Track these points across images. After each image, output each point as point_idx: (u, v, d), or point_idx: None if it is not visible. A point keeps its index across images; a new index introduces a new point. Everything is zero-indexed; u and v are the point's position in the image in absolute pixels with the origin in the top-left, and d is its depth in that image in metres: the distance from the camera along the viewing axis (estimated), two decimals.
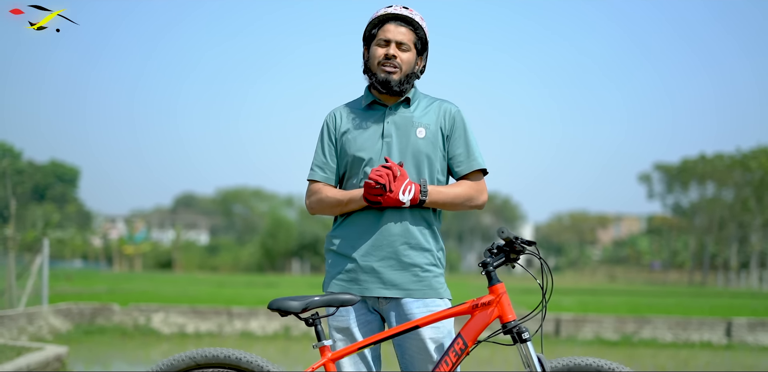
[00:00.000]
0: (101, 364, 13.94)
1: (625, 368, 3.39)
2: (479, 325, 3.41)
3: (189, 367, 3.43)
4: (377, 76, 3.70)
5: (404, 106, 3.77)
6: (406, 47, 3.71)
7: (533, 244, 3.42)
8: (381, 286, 3.63)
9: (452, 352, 3.41)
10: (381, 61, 3.69)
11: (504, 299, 3.43)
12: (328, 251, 3.75)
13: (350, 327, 3.65)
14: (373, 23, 3.75)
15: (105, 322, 19.49)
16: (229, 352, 3.45)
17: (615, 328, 19.76)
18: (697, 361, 16.05)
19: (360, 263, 3.64)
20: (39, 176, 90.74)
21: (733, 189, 72.46)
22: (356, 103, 3.84)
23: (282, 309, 3.39)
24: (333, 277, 3.69)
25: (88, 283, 36.32)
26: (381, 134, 3.71)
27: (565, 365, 3.41)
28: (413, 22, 3.72)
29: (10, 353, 10.23)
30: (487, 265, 3.43)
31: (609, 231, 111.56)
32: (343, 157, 3.76)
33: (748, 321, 19.72)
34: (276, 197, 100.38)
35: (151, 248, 78.82)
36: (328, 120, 3.83)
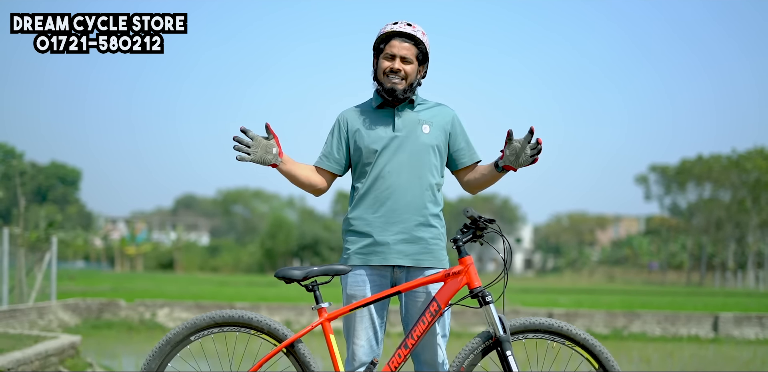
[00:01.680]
0: (110, 356, 14.52)
1: (572, 327, 4.04)
2: (451, 290, 4.07)
3: (209, 325, 4.09)
4: (384, 86, 4.36)
5: (409, 108, 4.44)
6: (409, 60, 4.36)
7: (494, 222, 4.06)
8: (396, 255, 4.28)
9: (428, 313, 4.07)
10: (387, 73, 4.35)
11: (471, 269, 4.09)
12: (348, 232, 4.39)
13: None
14: (381, 38, 4.40)
15: (112, 317, 20.13)
16: (243, 313, 4.10)
17: (606, 322, 20.39)
18: (682, 353, 16.66)
19: (377, 239, 4.29)
20: (41, 178, 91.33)
21: (729, 190, 72.96)
22: (366, 105, 4.50)
23: (286, 277, 4.06)
24: (354, 251, 4.32)
25: (92, 282, 36.91)
26: (393, 129, 4.37)
27: (521, 324, 4.07)
28: (415, 38, 4.36)
29: (27, 341, 10.87)
30: (457, 241, 4.10)
31: (607, 232, 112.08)
32: (356, 150, 4.40)
33: (734, 316, 20.34)
34: (277, 198, 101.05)
35: (152, 249, 79.46)
36: (340, 119, 4.48)
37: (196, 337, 4.09)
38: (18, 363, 8.84)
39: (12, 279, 18.22)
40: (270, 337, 4.10)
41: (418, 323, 4.07)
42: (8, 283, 17.24)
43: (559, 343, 4.08)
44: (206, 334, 4.09)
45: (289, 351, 4.09)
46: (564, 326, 4.05)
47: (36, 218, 27.26)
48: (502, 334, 4.02)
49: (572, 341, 4.07)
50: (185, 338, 4.09)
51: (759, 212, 69.99)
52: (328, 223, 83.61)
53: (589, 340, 4.06)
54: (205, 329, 4.09)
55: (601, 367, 4.08)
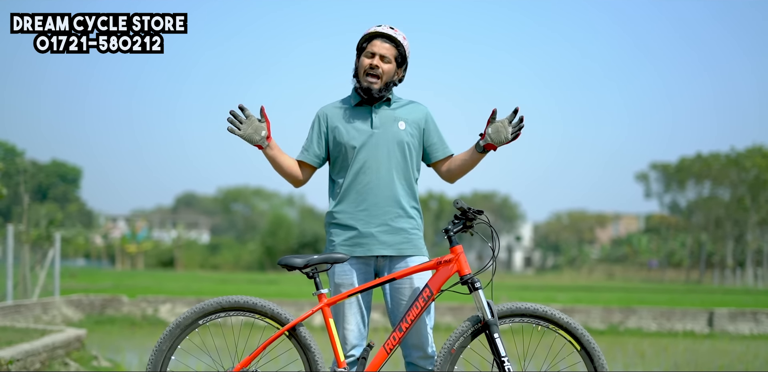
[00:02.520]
0: (113, 350, 14.76)
1: (556, 311, 4.31)
2: (442, 277, 4.35)
3: (216, 310, 4.36)
4: (362, 84, 4.63)
5: (386, 105, 4.71)
6: (387, 60, 4.64)
7: (482, 213, 4.33)
8: (379, 246, 4.57)
9: (421, 298, 4.35)
10: (366, 69, 4.63)
11: (462, 258, 4.36)
12: (331, 224, 4.66)
13: (353, 283, 4.56)
14: (365, 38, 4.68)
15: (114, 313, 20.38)
16: (248, 298, 4.37)
17: (602, 318, 20.66)
18: (676, 348, 16.93)
19: (361, 231, 4.57)
20: (41, 176, 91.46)
21: (729, 188, 73.16)
22: (345, 102, 4.76)
23: (289, 264, 4.32)
24: (339, 243, 4.59)
25: (93, 279, 37.15)
26: (370, 126, 4.64)
27: (508, 309, 4.34)
28: (396, 40, 4.65)
29: (34, 334, 11.14)
30: (448, 231, 4.37)
31: (607, 230, 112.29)
32: (336, 145, 4.67)
33: (729, 311, 20.61)
34: (277, 196, 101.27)
35: (152, 247, 79.70)
36: (320, 114, 4.74)
37: (204, 321, 4.36)
38: (26, 354, 9.10)
39: (16, 275, 18.48)
40: (273, 320, 4.37)
41: (412, 308, 4.34)
42: (13, 279, 17.49)
43: (544, 327, 4.35)
44: (213, 318, 4.37)
45: (291, 334, 4.36)
46: (548, 311, 4.32)
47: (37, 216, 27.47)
48: (490, 318, 4.28)
49: (556, 325, 4.34)
50: (194, 322, 4.36)
51: (758, 210, 70.19)
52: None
53: (571, 324, 4.33)
54: (213, 313, 4.36)
55: (583, 348, 4.34)
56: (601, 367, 4.31)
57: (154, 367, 4.32)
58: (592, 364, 4.33)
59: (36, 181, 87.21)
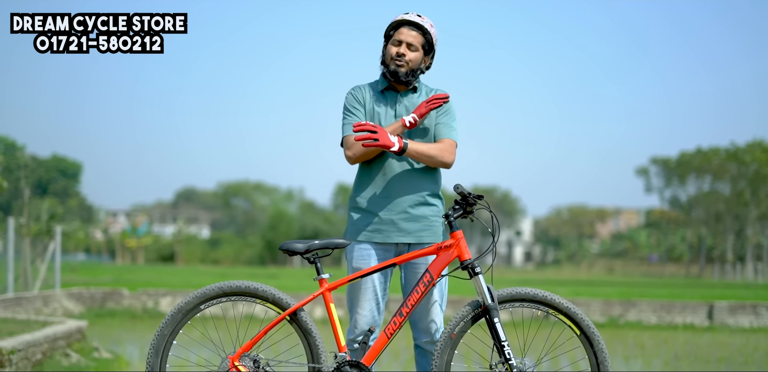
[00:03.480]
0: (114, 342, 14.78)
1: (555, 296, 4.33)
2: (443, 262, 4.37)
3: (218, 294, 4.39)
4: (389, 68, 4.67)
5: (412, 93, 4.75)
6: (414, 48, 4.67)
7: (482, 198, 4.35)
8: (399, 233, 4.60)
9: (422, 283, 4.37)
10: (393, 57, 4.67)
11: (462, 243, 4.38)
12: (354, 209, 4.70)
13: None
14: (392, 25, 4.73)
15: (115, 306, 20.41)
16: (249, 283, 4.40)
17: (602, 311, 20.68)
18: (676, 340, 16.95)
19: (382, 217, 4.61)
20: (41, 171, 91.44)
21: (729, 182, 73.18)
22: (373, 86, 4.80)
23: (290, 249, 4.34)
24: (359, 228, 4.63)
25: (93, 273, 37.19)
26: (394, 114, 4.69)
27: (508, 294, 4.36)
28: (422, 28, 4.68)
29: (35, 325, 11.16)
30: (448, 217, 4.39)
31: (607, 225, 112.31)
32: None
33: (729, 304, 20.63)
34: (277, 191, 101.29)
35: (153, 241, 79.75)
36: (353, 92, 4.75)
37: (205, 305, 4.39)
38: (27, 344, 9.12)
39: (17, 268, 18.51)
40: (274, 305, 4.39)
41: (412, 293, 4.37)
42: (14, 272, 17.52)
43: (543, 312, 4.37)
44: (215, 303, 4.39)
45: (292, 319, 4.38)
46: (548, 296, 4.34)
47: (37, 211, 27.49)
48: (490, 302, 4.30)
49: (555, 309, 4.35)
50: (195, 307, 4.38)
51: (758, 205, 70.22)
52: (329, 216, 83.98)
53: (570, 309, 4.34)
54: (214, 298, 4.39)
55: (582, 333, 4.36)
56: (600, 352, 4.33)
57: (156, 352, 4.34)
58: (591, 348, 4.34)
59: (36, 176, 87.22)
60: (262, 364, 4.31)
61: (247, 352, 4.32)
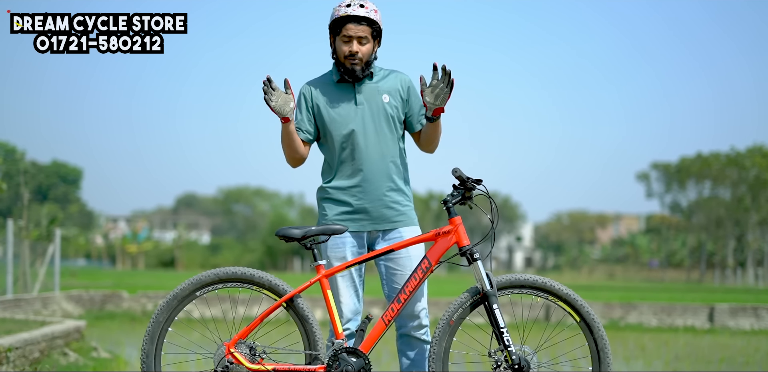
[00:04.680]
0: (113, 344, 14.73)
1: (555, 283, 4.28)
2: (441, 248, 4.32)
3: (213, 281, 4.33)
4: (345, 67, 4.60)
5: (368, 79, 4.68)
6: (365, 41, 4.59)
7: (480, 182, 4.30)
8: (372, 222, 4.58)
9: (420, 270, 4.33)
10: (346, 55, 4.59)
11: (460, 229, 4.33)
12: (324, 199, 4.65)
13: (345, 256, 4.57)
14: (336, 21, 4.61)
15: (114, 308, 20.36)
16: (246, 270, 4.35)
17: (602, 313, 20.62)
18: (677, 342, 16.90)
19: (355, 207, 4.58)
20: (42, 177, 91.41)
21: (729, 188, 73.09)
22: (327, 78, 4.73)
23: (286, 235, 4.30)
24: (332, 218, 4.60)
25: (94, 278, 37.16)
26: (354, 103, 4.63)
27: (507, 280, 4.31)
28: (368, 19, 4.58)
29: (34, 325, 11.12)
30: (446, 203, 4.33)
31: (608, 230, 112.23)
32: (322, 123, 4.65)
33: (729, 307, 20.57)
34: (277, 196, 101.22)
35: (153, 247, 79.67)
36: (304, 92, 4.71)
37: (201, 292, 4.34)
38: (25, 343, 9.08)
39: (16, 270, 18.46)
40: (271, 292, 4.35)
41: (410, 279, 4.32)
42: (13, 274, 17.48)
43: (543, 298, 4.32)
44: (211, 290, 4.34)
45: (288, 305, 4.34)
46: (547, 282, 4.28)
47: (37, 217, 27.50)
48: (489, 289, 4.25)
49: (555, 296, 4.30)
50: (191, 293, 4.33)
51: (758, 210, 70.12)
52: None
53: (570, 295, 4.29)
54: (210, 285, 4.34)
55: (582, 319, 4.31)
56: (600, 338, 4.28)
57: (152, 339, 4.30)
58: (591, 335, 4.29)
59: (36, 181, 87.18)
60: (259, 351, 4.27)
61: (243, 339, 4.28)
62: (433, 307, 20.50)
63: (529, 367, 4.19)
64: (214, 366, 4.25)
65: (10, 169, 69.86)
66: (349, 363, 4.19)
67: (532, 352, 4.25)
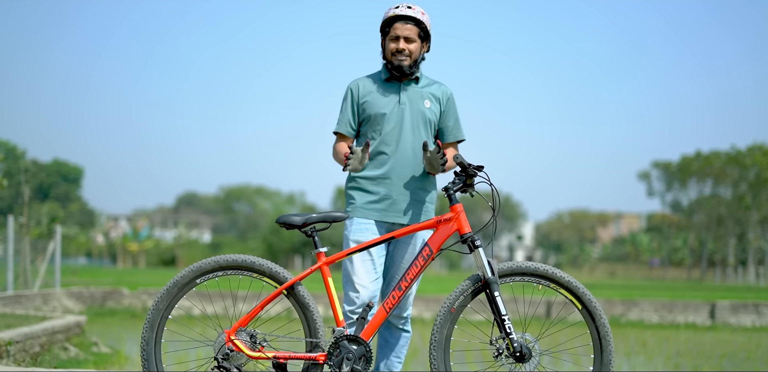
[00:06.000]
0: (114, 339, 14.71)
1: (557, 270, 4.26)
2: (443, 235, 4.32)
3: (213, 268, 4.32)
4: (392, 64, 4.76)
5: (414, 83, 4.85)
6: (412, 39, 4.76)
7: (482, 169, 4.29)
8: (396, 214, 4.68)
9: (421, 257, 4.32)
10: (394, 53, 4.75)
11: (462, 216, 4.32)
12: (353, 188, 4.75)
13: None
14: (386, 21, 4.80)
15: (115, 305, 20.33)
16: (246, 257, 4.33)
17: (604, 310, 20.51)
18: (678, 339, 16.88)
19: (382, 195, 4.68)
20: (43, 175, 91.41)
21: (730, 186, 73.05)
22: (376, 76, 4.89)
23: (287, 223, 4.30)
24: (359, 206, 4.70)
25: (95, 276, 37.13)
26: (398, 101, 4.78)
27: (509, 267, 4.29)
28: (415, 19, 4.74)
29: (34, 320, 11.11)
30: (448, 190, 4.34)
31: (609, 229, 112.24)
32: (365, 116, 4.78)
33: (731, 303, 20.55)
34: (278, 195, 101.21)
35: (154, 245, 79.67)
36: (352, 87, 4.86)
37: (201, 279, 4.33)
38: (25, 337, 9.07)
39: (17, 267, 18.45)
40: (271, 279, 4.33)
41: (411, 267, 4.33)
42: (13, 270, 17.46)
43: (545, 286, 4.30)
44: (211, 277, 4.33)
45: (289, 293, 4.32)
46: (549, 270, 4.27)
47: (38, 215, 27.49)
48: (490, 276, 4.24)
49: (557, 284, 4.29)
50: (191, 281, 4.33)
51: (759, 208, 70.10)
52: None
53: (572, 283, 4.27)
54: (210, 272, 4.33)
55: (584, 307, 4.30)
56: (602, 327, 4.27)
57: (152, 327, 4.29)
58: (593, 323, 4.28)
59: (37, 180, 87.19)
60: (259, 339, 4.26)
61: (243, 326, 4.27)
62: (433, 303, 20.48)
63: (531, 355, 4.18)
64: (215, 354, 4.24)
65: (11, 167, 69.88)
66: (350, 350, 4.18)
67: (533, 340, 4.24)
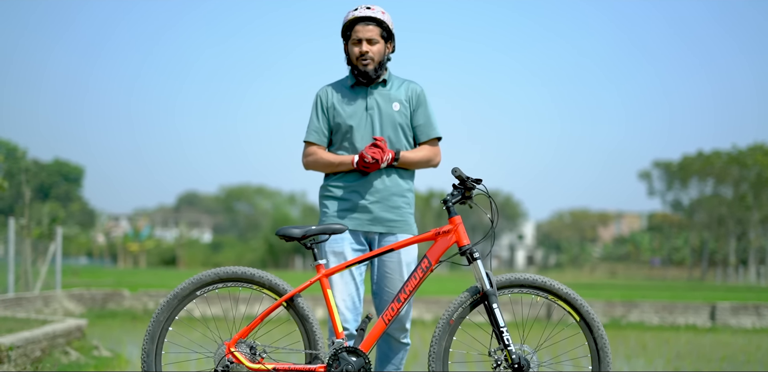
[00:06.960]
0: (115, 342, 14.72)
1: (555, 282, 4.28)
2: (441, 248, 4.33)
3: (213, 280, 4.34)
4: (358, 69, 4.71)
5: (382, 86, 4.79)
6: (374, 41, 4.71)
7: (480, 182, 4.31)
8: (371, 222, 4.66)
9: (420, 269, 4.34)
10: (358, 57, 4.70)
11: (460, 228, 4.34)
12: (325, 196, 4.74)
13: (344, 252, 4.63)
14: (346, 25, 4.74)
15: (116, 307, 20.35)
16: (246, 269, 4.35)
17: (604, 311, 20.61)
18: (678, 340, 16.89)
19: (356, 203, 4.66)
20: (43, 175, 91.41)
21: (731, 185, 73.05)
22: (342, 83, 4.85)
23: (287, 235, 4.31)
24: (332, 214, 4.69)
25: (95, 276, 37.16)
26: (365, 107, 4.73)
27: (507, 279, 4.31)
28: (376, 20, 4.69)
29: (35, 323, 11.12)
30: (446, 202, 4.35)
31: (609, 228, 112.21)
32: (334, 124, 4.76)
33: (731, 305, 20.56)
34: (279, 194, 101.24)
35: (155, 245, 79.72)
36: (320, 94, 4.84)
37: (201, 291, 4.34)
38: (26, 341, 9.08)
39: (18, 269, 18.46)
40: (271, 291, 4.35)
41: (410, 279, 4.34)
42: (14, 272, 17.48)
43: (543, 298, 4.32)
44: (211, 289, 4.35)
45: (288, 305, 4.34)
46: (547, 281, 4.29)
47: (39, 215, 27.54)
48: (489, 288, 4.26)
49: (555, 295, 4.31)
50: (191, 293, 4.34)
51: (760, 208, 70.11)
52: None
53: (570, 295, 4.30)
54: (210, 284, 4.34)
55: (582, 319, 4.32)
56: (600, 338, 4.29)
57: (152, 338, 4.30)
58: (591, 334, 4.30)
59: (38, 180, 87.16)
60: (259, 351, 4.27)
61: (243, 338, 4.28)
62: (434, 305, 20.51)
63: (529, 367, 4.20)
64: (215, 365, 4.25)
65: (12, 167, 69.92)
66: (349, 362, 4.20)
67: (532, 351, 4.26)
